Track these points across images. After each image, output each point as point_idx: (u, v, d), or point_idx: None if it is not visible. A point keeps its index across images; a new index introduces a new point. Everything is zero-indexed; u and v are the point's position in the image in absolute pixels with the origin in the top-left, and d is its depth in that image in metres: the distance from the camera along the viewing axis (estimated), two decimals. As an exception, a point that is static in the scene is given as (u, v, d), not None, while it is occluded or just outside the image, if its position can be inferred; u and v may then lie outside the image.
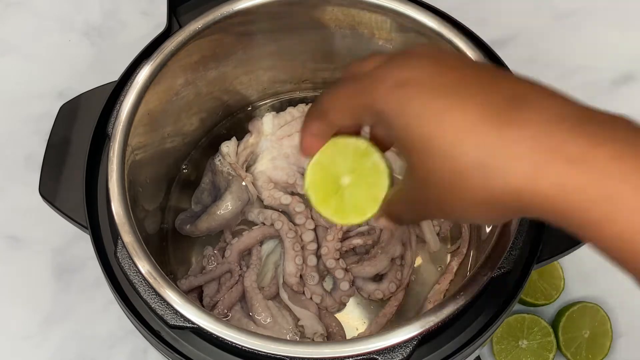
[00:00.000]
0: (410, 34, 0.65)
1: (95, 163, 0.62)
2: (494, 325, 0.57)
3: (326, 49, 0.72)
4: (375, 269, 0.68)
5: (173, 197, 0.74)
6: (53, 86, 0.88)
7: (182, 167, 0.75)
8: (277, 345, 0.52)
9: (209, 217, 0.70)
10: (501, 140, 0.35)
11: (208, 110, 0.74)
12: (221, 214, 0.70)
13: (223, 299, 0.67)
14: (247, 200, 0.71)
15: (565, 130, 0.35)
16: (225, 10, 0.64)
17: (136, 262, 0.55)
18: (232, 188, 0.71)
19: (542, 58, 0.90)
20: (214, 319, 0.53)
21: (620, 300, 0.79)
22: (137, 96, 0.61)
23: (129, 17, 0.93)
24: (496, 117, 0.36)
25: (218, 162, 0.73)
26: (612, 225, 0.34)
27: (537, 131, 0.35)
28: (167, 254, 0.71)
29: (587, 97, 0.94)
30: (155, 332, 0.57)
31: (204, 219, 0.70)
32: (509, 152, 0.35)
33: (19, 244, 0.82)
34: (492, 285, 0.56)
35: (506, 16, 0.93)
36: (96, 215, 0.61)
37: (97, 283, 0.79)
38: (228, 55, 0.69)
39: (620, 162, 0.34)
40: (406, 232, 0.70)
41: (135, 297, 0.56)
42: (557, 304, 0.77)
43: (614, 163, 0.34)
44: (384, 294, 0.68)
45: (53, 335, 0.78)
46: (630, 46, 0.92)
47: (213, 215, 0.70)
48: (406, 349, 0.52)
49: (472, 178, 0.36)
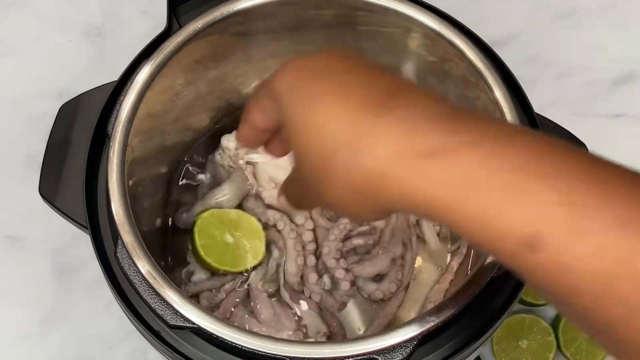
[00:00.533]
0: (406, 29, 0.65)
1: (95, 163, 0.62)
2: (494, 325, 0.57)
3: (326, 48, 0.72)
4: (376, 268, 0.68)
5: (174, 193, 0.74)
6: (53, 86, 0.88)
7: (184, 163, 0.75)
8: (277, 345, 0.52)
9: (204, 202, 0.71)
10: (369, 126, 0.37)
11: (209, 109, 0.74)
12: (217, 201, 0.70)
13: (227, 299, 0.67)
14: (246, 191, 0.71)
15: (428, 120, 0.37)
16: (225, 10, 0.64)
17: (136, 262, 0.55)
18: (231, 178, 0.71)
19: (542, 58, 0.90)
20: (214, 319, 0.53)
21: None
22: (137, 96, 0.61)
23: (129, 17, 0.93)
24: (372, 107, 0.38)
25: (219, 156, 0.73)
26: (465, 206, 0.35)
27: (403, 119, 0.37)
28: (168, 250, 0.71)
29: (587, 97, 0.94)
30: (155, 332, 0.57)
31: (198, 205, 0.71)
32: (373, 136, 0.37)
33: (19, 244, 0.82)
34: (492, 285, 0.56)
35: (506, 16, 0.93)
36: (96, 215, 0.61)
37: (97, 283, 0.79)
38: (228, 55, 0.69)
39: (475, 147, 0.35)
40: (407, 232, 0.70)
41: (135, 297, 0.56)
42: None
43: (470, 148, 0.35)
44: (384, 294, 0.68)
45: (53, 335, 0.78)
46: (630, 46, 0.92)
47: (208, 200, 0.70)
48: (406, 349, 0.52)
49: (339, 157, 0.38)
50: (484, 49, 0.64)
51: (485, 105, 0.62)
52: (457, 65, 0.64)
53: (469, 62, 0.62)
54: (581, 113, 0.88)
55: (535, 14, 0.94)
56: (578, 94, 0.89)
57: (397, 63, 0.71)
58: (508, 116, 0.60)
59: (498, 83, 0.61)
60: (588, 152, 0.35)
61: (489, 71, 0.61)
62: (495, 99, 0.61)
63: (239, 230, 0.69)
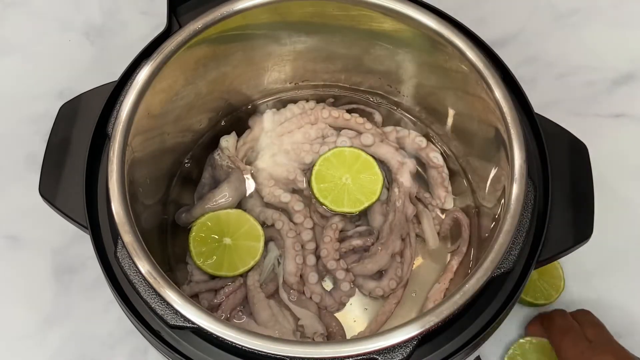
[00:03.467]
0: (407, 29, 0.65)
1: (95, 163, 0.62)
2: (494, 325, 0.57)
3: (326, 49, 0.72)
4: (377, 265, 0.69)
5: (174, 192, 0.74)
6: (53, 86, 0.88)
7: (183, 163, 0.75)
8: (277, 345, 0.52)
9: (204, 203, 0.71)
10: None
11: (208, 109, 0.74)
12: (217, 203, 0.71)
13: (226, 301, 0.67)
14: (245, 192, 0.72)
15: None
16: (225, 10, 0.64)
17: (136, 262, 0.55)
18: (230, 178, 0.71)
19: (542, 58, 0.90)
20: (214, 319, 0.53)
21: (620, 301, 0.79)
22: (137, 96, 0.61)
23: (129, 17, 0.93)
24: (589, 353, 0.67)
25: (217, 157, 0.73)
26: None
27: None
28: (168, 248, 0.71)
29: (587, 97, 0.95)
30: (155, 332, 0.57)
31: (198, 206, 0.71)
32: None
33: (19, 244, 0.82)
34: (492, 285, 0.56)
35: (506, 16, 0.93)
36: (96, 215, 0.61)
37: (97, 283, 0.79)
38: (228, 55, 0.69)
39: None
40: (405, 228, 0.70)
41: (135, 297, 0.56)
42: (557, 304, 0.77)
43: None
44: (384, 291, 0.68)
45: (53, 335, 0.78)
46: (630, 46, 0.92)
47: (207, 202, 0.71)
48: (406, 349, 0.52)
49: None
50: (484, 49, 0.64)
51: (485, 105, 0.63)
52: (457, 65, 0.64)
53: (469, 62, 0.62)
54: (581, 113, 0.88)
55: (535, 14, 0.94)
56: (578, 94, 0.89)
57: (398, 63, 0.71)
58: (508, 116, 0.60)
59: (498, 83, 0.61)
60: None
61: (489, 71, 0.61)
62: (495, 99, 0.61)
63: (237, 231, 0.69)
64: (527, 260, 0.59)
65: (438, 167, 0.73)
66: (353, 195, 0.71)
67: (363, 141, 0.73)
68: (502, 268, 0.56)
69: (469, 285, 0.54)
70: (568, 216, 0.61)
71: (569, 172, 0.63)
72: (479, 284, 0.54)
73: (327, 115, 0.75)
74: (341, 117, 0.74)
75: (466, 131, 0.71)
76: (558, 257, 0.60)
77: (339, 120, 0.75)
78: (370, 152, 0.73)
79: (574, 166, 0.63)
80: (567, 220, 0.61)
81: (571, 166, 0.63)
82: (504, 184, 0.61)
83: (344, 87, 0.77)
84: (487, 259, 0.55)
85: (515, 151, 0.59)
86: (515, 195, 0.58)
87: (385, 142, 0.73)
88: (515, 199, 0.58)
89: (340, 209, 0.70)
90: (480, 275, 0.55)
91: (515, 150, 0.59)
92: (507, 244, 0.56)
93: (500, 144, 0.62)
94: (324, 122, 0.75)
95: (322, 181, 0.71)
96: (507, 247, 0.56)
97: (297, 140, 0.74)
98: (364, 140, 0.73)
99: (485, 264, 0.55)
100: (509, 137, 0.60)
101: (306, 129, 0.74)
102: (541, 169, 0.62)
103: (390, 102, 0.77)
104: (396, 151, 0.73)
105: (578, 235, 0.60)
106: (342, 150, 0.72)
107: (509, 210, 0.57)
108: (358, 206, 0.70)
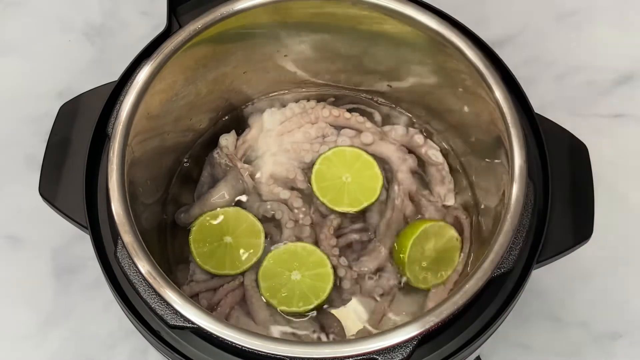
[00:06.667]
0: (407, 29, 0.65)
1: (95, 163, 0.63)
2: (494, 325, 0.57)
3: (326, 49, 0.72)
4: (376, 262, 0.69)
5: (173, 191, 0.74)
6: (53, 86, 0.88)
7: (183, 162, 0.75)
8: (277, 345, 0.52)
9: (202, 203, 0.71)
10: None
11: (208, 109, 0.74)
12: (214, 202, 0.71)
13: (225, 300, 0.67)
14: (242, 190, 0.72)
15: None
16: (225, 10, 0.64)
17: (136, 262, 0.55)
18: (227, 177, 0.72)
19: (542, 58, 0.90)
20: (214, 319, 0.53)
21: (620, 300, 0.79)
22: (137, 96, 0.61)
23: (129, 17, 0.93)
24: None
25: (216, 155, 0.73)
26: None
27: None
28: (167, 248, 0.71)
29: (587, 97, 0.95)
30: (155, 332, 0.57)
31: (197, 206, 0.71)
32: None
33: (19, 244, 0.82)
34: (492, 285, 0.56)
35: (506, 16, 0.93)
36: (96, 215, 0.61)
37: (97, 283, 0.79)
38: (228, 55, 0.69)
39: None
40: (402, 225, 0.70)
41: (135, 297, 0.56)
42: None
43: None
44: (384, 290, 0.68)
45: (53, 335, 0.78)
46: (630, 46, 0.92)
47: (206, 202, 0.71)
48: (406, 349, 0.52)
49: None
50: (484, 49, 0.64)
51: (485, 105, 0.63)
52: (457, 65, 0.64)
53: (469, 62, 0.62)
54: (581, 113, 0.88)
55: (535, 14, 0.94)
56: (578, 94, 0.89)
57: (398, 63, 0.71)
58: (508, 116, 0.60)
59: (498, 83, 0.61)
60: None
61: (489, 71, 0.61)
62: (495, 99, 0.61)
63: (237, 229, 0.69)
64: (527, 261, 0.59)
65: (437, 164, 0.73)
66: (353, 195, 0.71)
67: (363, 140, 0.73)
68: (502, 268, 0.56)
69: (469, 285, 0.54)
70: (568, 216, 0.61)
71: (569, 172, 0.63)
72: (479, 284, 0.54)
73: (328, 114, 0.75)
74: (342, 116, 0.74)
75: (466, 131, 0.71)
76: (558, 257, 0.60)
77: (340, 119, 0.75)
78: (371, 150, 0.73)
79: (574, 166, 0.63)
80: (567, 220, 0.61)
81: (571, 166, 0.63)
82: (504, 184, 0.61)
83: (344, 87, 0.77)
84: (487, 259, 0.55)
85: (515, 151, 0.59)
86: (515, 195, 0.58)
87: (385, 140, 0.73)
88: (515, 199, 0.57)
89: (340, 207, 0.70)
90: (480, 276, 0.55)
91: (515, 150, 0.59)
92: (507, 244, 0.56)
93: (500, 144, 0.62)
94: (325, 121, 0.75)
95: (322, 180, 0.71)
96: (507, 247, 0.56)
97: (297, 139, 0.74)
98: (364, 139, 0.73)
99: (485, 264, 0.55)
100: (509, 137, 0.59)
101: (306, 128, 0.74)
102: (541, 169, 0.62)
103: (390, 101, 0.77)
104: (397, 148, 0.73)
105: (578, 235, 0.60)
106: (343, 149, 0.72)
107: (509, 210, 0.57)
108: (357, 205, 0.71)
